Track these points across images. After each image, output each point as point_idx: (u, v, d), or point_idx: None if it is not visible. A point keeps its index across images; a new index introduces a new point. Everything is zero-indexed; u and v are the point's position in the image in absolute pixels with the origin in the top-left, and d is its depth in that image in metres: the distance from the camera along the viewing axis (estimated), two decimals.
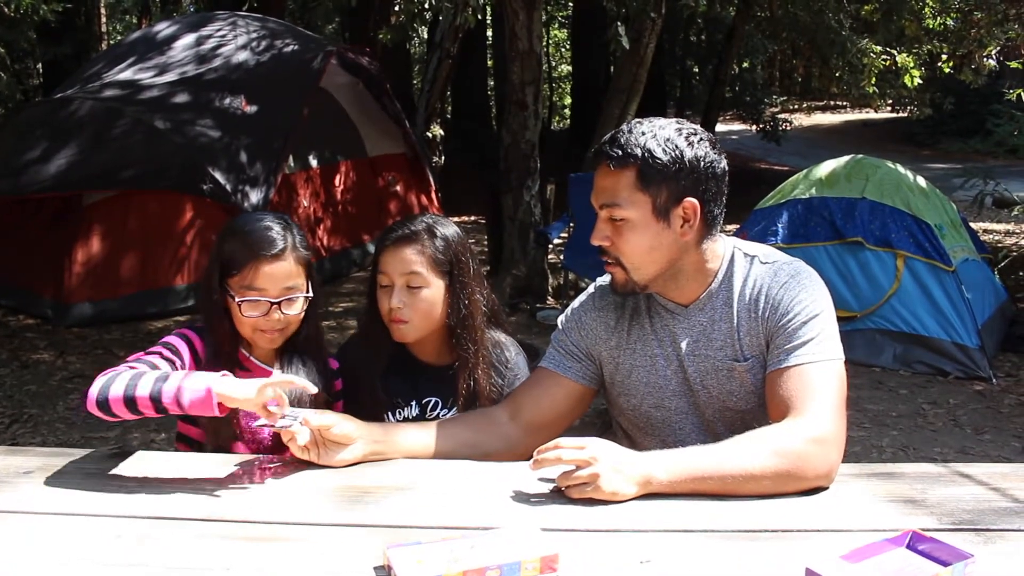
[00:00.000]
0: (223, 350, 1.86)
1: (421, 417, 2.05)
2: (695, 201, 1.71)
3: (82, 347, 5.70)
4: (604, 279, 1.94)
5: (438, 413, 2.04)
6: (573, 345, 1.91)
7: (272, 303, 1.81)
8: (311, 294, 1.89)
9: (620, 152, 1.70)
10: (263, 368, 1.92)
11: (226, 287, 1.83)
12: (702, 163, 1.71)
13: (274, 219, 1.88)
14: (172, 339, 1.87)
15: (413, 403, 2.05)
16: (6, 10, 8.21)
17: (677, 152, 1.69)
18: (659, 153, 1.69)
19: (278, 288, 1.82)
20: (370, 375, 2.01)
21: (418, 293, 1.95)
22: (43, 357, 5.52)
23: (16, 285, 6.37)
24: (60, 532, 1.40)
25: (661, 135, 1.71)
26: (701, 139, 1.73)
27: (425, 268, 1.96)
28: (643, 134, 1.71)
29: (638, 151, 1.69)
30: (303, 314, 1.89)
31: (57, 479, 1.61)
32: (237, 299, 1.80)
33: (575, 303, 1.97)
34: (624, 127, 1.75)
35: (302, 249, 1.86)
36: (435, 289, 1.97)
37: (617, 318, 1.89)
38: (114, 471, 1.66)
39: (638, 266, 1.75)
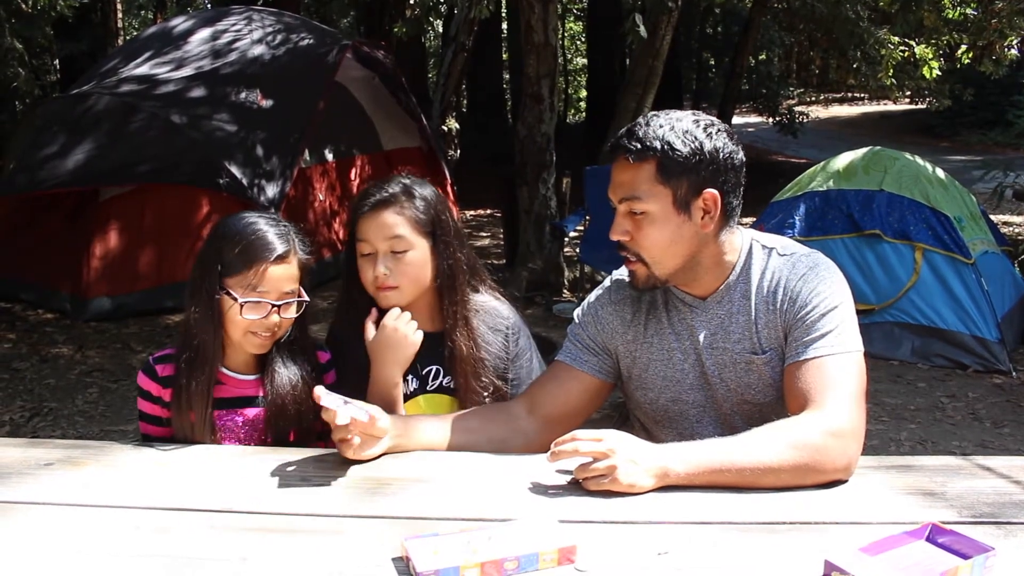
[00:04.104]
0: (207, 355, 1.82)
1: (422, 388, 2.02)
2: (715, 192, 1.70)
3: (100, 341, 5.74)
4: (620, 272, 1.93)
5: (441, 381, 2.01)
6: (590, 339, 1.91)
7: (273, 305, 1.79)
8: (307, 299, 1.87)
9: (639, 145, 1.68)
10: (237, 379, 1.89)
11: (224, 288, 1.80)
12: (721, 154, 1.70)
13: (275, 221, 1.86)
14: (141, 405, 1.89)
15: (411, 376, 1.99)
16: (23, 6, 8.26)
17: (697, 143, 1.68)
18: (679, 145, 1.67)
19: (279, 291, 1.80)
20: (358, 354, 1.93)
21: (403, 257, 1.90)
22: (62, 351, 5.56)
23: (35, 280, 6.41)
24: (80, 523, 1.41)
25: (679, 127, 1.69)
26: (719, 130, 1.72)
27: (408, 230, 1.91)
28: (661, 126, 1.69)
29: (657, 143, 1.68)
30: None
31: (77, 471, 1.62)
32: (240, 299, 1.77)
33: (591, 297, 1.96)
34: (640, 120, 1.74)
35: (303, 253, 1.86)
36: (420, 251, 1.92)
37: (634, 312, 1.89)
38: (132, 463, 1.67)
39: (659, 260, 1.73)
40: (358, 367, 1.93)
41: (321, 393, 1.58)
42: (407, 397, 1.99)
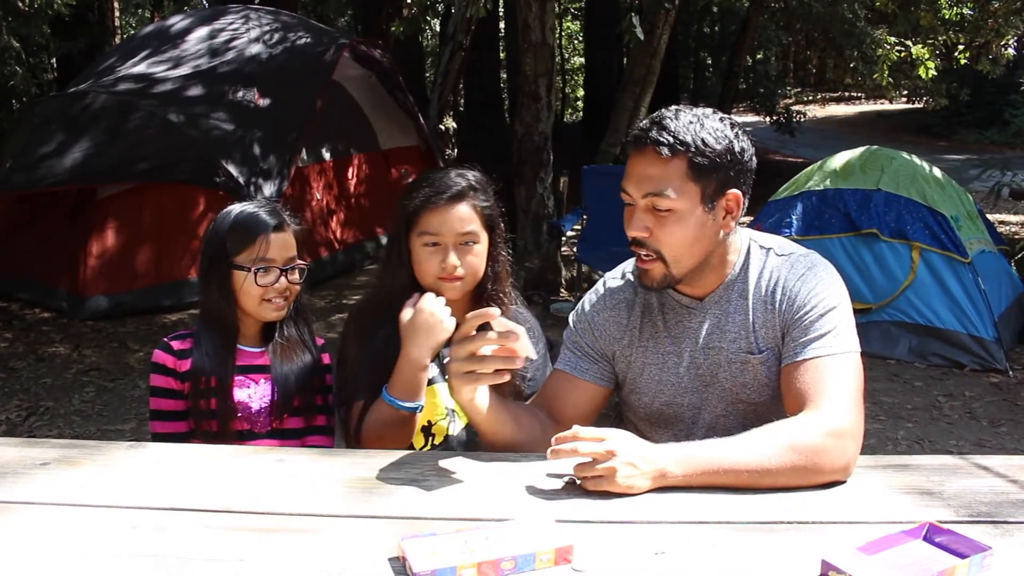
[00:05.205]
0: (229, 331, 2.00)
1: (442, 376, 2.01)
2: (738, 192, 1.70)
3: (97, 340, 5.73)
4: (612, 277, 1.93)
5: None
6: (588, 347, 1.90)
7: (281, 270, 1.99)
8: (307, 264, 2.06)
9: (672, 139, 1.65)
10: (246, 351, 2.03)
11: (237, 264, 1.98)
12: (745, 154, 1.70)
13: (262, 202, 2.11)
14: (154, 380, 2.00)
15: (433, 363, 1.96)
16: (20, 4, 8.25)
17: (727, 142, 1.67)
18: (712, 142, 1.65)
19: (284, 257, 2.00)
20: (389, 336, 1.90)
21: (472, 249, 1.92)
22: (59, 350, 5.55)
23: (32, 279, 6.40)
24: (76, 523, 1.41)
25: (708, 124, 1.67)
26: (743, 130, 1.72)
27: (478, 225, 1.93)
28: (690, 122, 1.67)
29: (690, 139, 1.65)
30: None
31: (73, 471, 1.62)
32: (253, 268, 1.96)
33: (584, 303, 1.95)
34: (666, 113, 1.70)
35: (294, 224, 2.06)
36: (483, 244, 1.95)
37: (629, 316, 1.88)
38: (129, 463, 1.67)
39: (679, 258, 1.71)
40: (387, 349, 1.91)
41: (497, 313, 1.59)
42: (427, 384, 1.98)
